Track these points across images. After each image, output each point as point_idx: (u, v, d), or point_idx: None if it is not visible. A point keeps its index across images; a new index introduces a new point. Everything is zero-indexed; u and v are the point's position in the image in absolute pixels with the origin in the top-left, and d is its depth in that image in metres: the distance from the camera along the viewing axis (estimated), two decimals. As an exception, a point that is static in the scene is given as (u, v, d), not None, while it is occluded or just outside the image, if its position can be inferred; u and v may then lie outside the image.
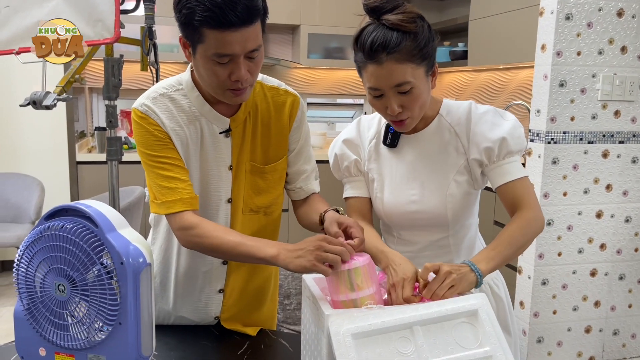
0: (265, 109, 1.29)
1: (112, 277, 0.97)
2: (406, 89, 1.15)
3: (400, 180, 1.31)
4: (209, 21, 1.03)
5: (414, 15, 1.15)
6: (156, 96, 1.22)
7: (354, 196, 1.37)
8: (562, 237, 2.44)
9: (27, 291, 1.01)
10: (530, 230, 1.20)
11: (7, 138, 3.75)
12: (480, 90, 4.20)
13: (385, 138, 1.32)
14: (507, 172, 1.24)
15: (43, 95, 1.83)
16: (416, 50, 1.14)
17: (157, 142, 1.20)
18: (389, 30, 1.13)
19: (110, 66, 2.05)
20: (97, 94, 4.42)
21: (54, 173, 3.78)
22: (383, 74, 1.14)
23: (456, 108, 1.30)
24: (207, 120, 1.24)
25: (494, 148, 1.23)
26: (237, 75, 1.10)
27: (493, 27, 3.47)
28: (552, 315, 2.50)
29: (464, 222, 1.33)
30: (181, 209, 1.19)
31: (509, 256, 1.16)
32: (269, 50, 4.73)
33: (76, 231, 0.97)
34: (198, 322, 1.40)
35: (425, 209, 1.29)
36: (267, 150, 1.30)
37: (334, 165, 1.40)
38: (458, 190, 1.28)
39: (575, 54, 2.30)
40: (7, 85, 3.67)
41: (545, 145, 2.34)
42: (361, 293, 0.99)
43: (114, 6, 1.81)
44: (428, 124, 1.30)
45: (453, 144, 1.28)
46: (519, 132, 1.26)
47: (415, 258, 1.33)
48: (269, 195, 1.33)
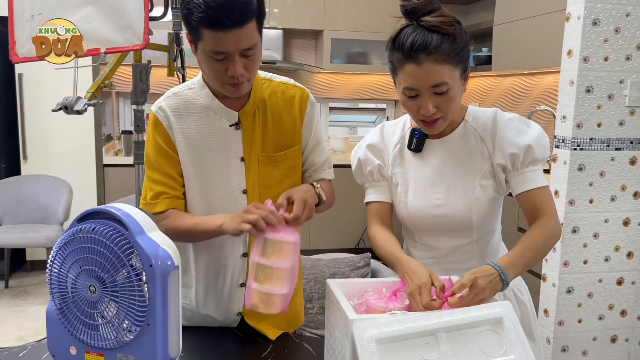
0: (275, 102, 1.35)
1: (141, 279, 1.00)
2: (443, 90, 1.17)
3: (425, 185, 1.31)
4: (204, 22, 1.12)
5: (452, 18, 1.18)
6: (170, 95, 1.34)
7: (376, 201, 1.37)
8: (587, 244, 2.40)
9: (60, 291, 1.04)
10: (551, 240, 1.22)
11: (38, 141, 3.85)
12: (504, 96, 4.16)
13: (410, 142, 1.33)
14: (529, 179, 1.25)
15: (74, 101, 1.88)
16: (454, 52, 1.16)
17: (159, 150, 1.32)
18: (429, 32, 1.15)
19: (138, 72, 2.10)
20: (124, 97, 4.51)
21: (81, 175, 3.86)
22: (421, 73, 1.16)
23: (482, 114, 1.31)
24: (216, 114, 1.31)
25: (519, 154, 1.24)
26: (233, 71, 1.18)
27: (518, 32, 3.44)
28: (577, 324, 2.46)
29: (488, 227, 1.33)
30: (161, 209, 1.31)
31: (531, 264, 1.18)
32: (292, 55, 4.76)
33: (107, 233, 1.00)
34: (222, 321, 1.42)
35: (450, 213, 1.29)
36: (280, 140, 1.35)
37: (357, 170, 1.41)
38: (483, 195, 1.28)
39: (603, 60, 2.27)
40: (38, 90, 3.76)
41: (571, 152, 2.31)
42: (267, 262, 1.09)
43: (143, 13, 1.85)
44: (454, 129, 1.31)
45: (478, 149, 1.29)
46: (545, 141, 1.26)
47: (439, 264, 1.33)
48: (284, 185, 1.36)
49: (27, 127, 3.80)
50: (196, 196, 1.33)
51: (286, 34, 4.56)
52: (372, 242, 1.34)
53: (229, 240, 1.34)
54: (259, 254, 1.11)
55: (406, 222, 1.36)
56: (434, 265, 1.30)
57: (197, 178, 1.33)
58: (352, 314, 0.94)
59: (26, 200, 3.63)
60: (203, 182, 1.33)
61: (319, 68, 4.56)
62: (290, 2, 4.29)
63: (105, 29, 1.88)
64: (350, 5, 4.36)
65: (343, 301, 1.00)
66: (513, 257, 1.15)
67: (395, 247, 1.23)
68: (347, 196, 3.26)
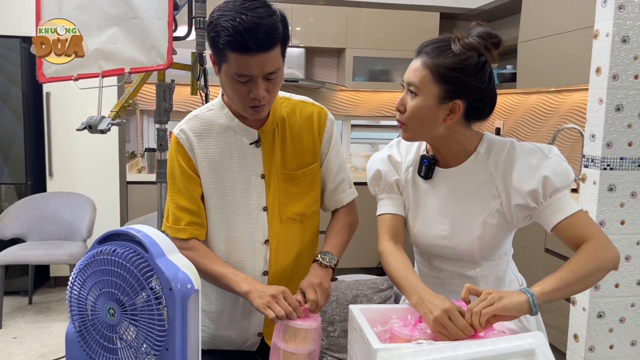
0: (294, 120, 1.36)
1: (161, 302, 0.98)
2: (412, 87, 1.19)
3: (432, 214, 1.29)
4: (231, 45, 1.13)
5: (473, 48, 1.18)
6: (191, 117, 1.36)
7: (390, 213, 1.33)
8: (619, 267, 2.32)
9: (79, 313, 1.03)
10: (595, 259, 1.11)
11: (63, 158, 3.91)
12: (529, 113, 4.10)
13: (420, 169, 1.30)
14: (559, 209, 1.16)
15: (98, 120, 1.90)
16: (443, 68, 1.15)
17: (182, 173, 1.32)
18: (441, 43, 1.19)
19: (161, 91, 2.11)
20: (148, 115, 4.56)
21: (105, 192, 3.90)
22: (412, 69, 1.21)
23: (495, 148, 1.24)
24: (236, 133, 1.33)
25: (537, 189, 1.17)
26: (255, 93, 1.19)
27: (543, 49, 3.40)
28: (609, 349, 2.36)
29: (493, 257, 1.29)
30: (184, 237, 1.32)
31: (571, 282, 1.08)
32: (315, 73, 4.78)
33: (127, 256, 0.99)
34: (242, 343, 1.39)
35: (453, 246, 1.27)
36: (299, 158, 1.36)
37: (373, 180, 1.37)
38: (487, 233, 1.24)
39: (633, 78, 2.21)
40: (64, 108, 3.83)
41: (601, 172, 2.24)
42: (287, 347, 1.13)
43: (167, 34, 1.87)
44: (464, 159, 1.26)
45: (487, 186, 1.23)
46: (562, 167, 1.18)
47: (443, 285, 1.32)
48: (303, 202, 1.37)
49: (54, 144, 3.87)
50: (217, 214, 1.33)
51: (308, 52, 4.58)
52: (382, 259, 1.28)
53: (249, 258, 1.34)
54: (279, 338, 1.15)
55: (412, 243, 1.36)
56: (438, 286, 1.29)
57: (218, 196, 1.33)
58: (376, 343, 0.91)
59: (51, 217, 3.68)
60: (224, 200, 1.33)
61: (341, 86, 4.56)
62: (312, 20, 4.31)
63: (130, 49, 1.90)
64: (372, 24, 4.37)
65: (367, 328, 0.97)
66: (552, 285, 1.06)
67: (409, 271, 1.20)
68: (370, 214, 3.22)
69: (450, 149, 1.25)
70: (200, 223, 1.34)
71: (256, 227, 1.33)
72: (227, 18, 1.12)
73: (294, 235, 1.37)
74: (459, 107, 1.17)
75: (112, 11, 1.93)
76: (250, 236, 1.33)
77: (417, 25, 4.36)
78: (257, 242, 1.33)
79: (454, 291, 1.25)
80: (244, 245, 1.33)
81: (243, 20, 1.11)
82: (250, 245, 1.33)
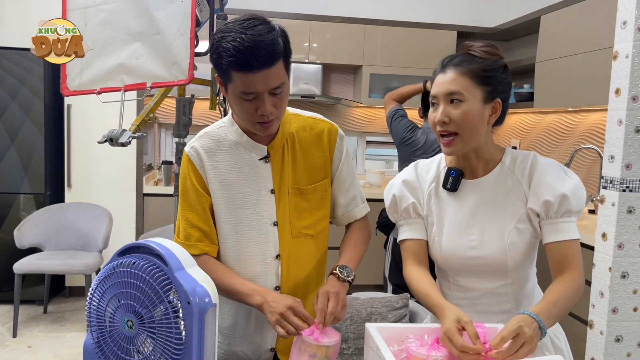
0: (304, 136, 1.38)
1: (178, 315, 0.99)
2: (455, 97, 1.22)
3: (459, 225, 1.29)
4: (233, 65, 1.16)
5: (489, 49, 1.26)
6: (202, 135, 1.38)
7: (411, 238, 1.35)
8: (638, 291, 2.27)
9: (98, 325, 1.04)
10: (578, 295, 1.20)
11: (81, 169, 3.96)
12: (546, 133, 4.07)
13: (446, 182, 1.31)
14: (562, 230, 1.22)
15: (119, 133, 1.93)
16: (479, 70, 1.22)
17: (194, 189, 1.34)
18: (463, 54, 1.26)
19: (181, 105, 2.14)
20: (166, 128, 4.62)
21: (121, 203, 3.94)
22: (442, 81, 1.24)
23: (519, 156, 1.30)
24: (245, 148, 1.34)
25: (554, 203, 1.21)
26: (262, 110, 1.21)
27: (561, 69, 3.39)
28: (628, 375, 2.31)
29: (523, 271, 1.30)
30: (195, 253, 1.31)
31: (561, 317, 1.16)
32: (331, 89, 4.81)
33: (146, 269, 1.00)
34: (254, 359, 1.39)
35: (485, 255, 1.26)
36: (309, 173, 1.37)
37: (391, 206, 1.38)
38: (519, 239, 1.25)
39: (653, 99, 2.19)
40: (85, 121, 3.90)
41: (620, 194, 2.22)
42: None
43: (189, 50, 1.90)
44: (490, 169, 1.29)
45: (516, 192, 1.26)
46: (581, 192, 1.23)
47: (472, 305, 1.31)
48: (313, 217, 1.38)
49: (73, 156, 3.93)
50: (228, 230, 1.34)
51: (325, 69, 4.61)
52: (409, 283, 1.30)
53: (261, 274, 1.34)
54: (296, 355, 1.17)
55: (439, 262, 1.34)
56: (467, 307, 1.28)
57: (228, 212, 1.34)
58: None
59: (68, 228, 3.72)
60: (234, 215, 1.34)
61: (357, 102, 4.58)
62: (329, 37, 4.35)
63: (152, 65, 1.93)
64: (388, 41, 4.39)
65: (383, 347, 0.97)
66: (546, 307, 1.12)
67: (433, 292, 1.21)
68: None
69: (481, 158, 1.29)
70: (211, 240, 1.35)
71: (267, 242, 1.34)
72: (228, 39, 1.14)
73: (305, 251, 1.38)
74: (499, 105, 1.25)
75: (136, 27, 1.97)
76: (262, 251, 1.34)
77: (434, 43, 4.37)
78: (269, 257, 1.34)
79: (485, 311, 1.26)
80: (255, 261, 1.34)
81: (243, 40, 1.13)
82: (262, 261, 1.34)
